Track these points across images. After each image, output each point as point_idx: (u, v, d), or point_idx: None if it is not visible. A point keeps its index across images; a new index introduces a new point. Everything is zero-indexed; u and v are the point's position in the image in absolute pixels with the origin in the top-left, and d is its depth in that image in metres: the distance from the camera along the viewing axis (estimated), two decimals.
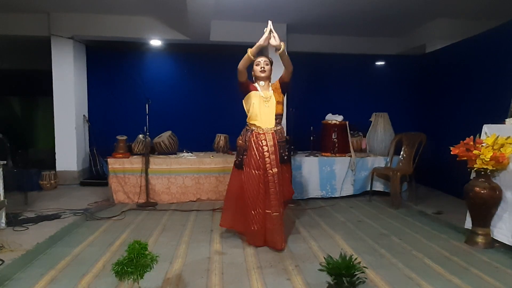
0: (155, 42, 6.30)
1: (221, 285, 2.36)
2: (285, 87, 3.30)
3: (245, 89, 3.20)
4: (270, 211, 3.00)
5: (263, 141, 3.09)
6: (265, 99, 3.15)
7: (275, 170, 3.04)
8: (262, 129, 3.12)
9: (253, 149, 3.10)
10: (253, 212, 3.03)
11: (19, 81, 8.38)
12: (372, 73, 6.83)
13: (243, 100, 3.25)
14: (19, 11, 5.60)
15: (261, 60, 3.22)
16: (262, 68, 3.19)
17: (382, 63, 6.88)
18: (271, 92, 3.21)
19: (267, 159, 3.05)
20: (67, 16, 5.69)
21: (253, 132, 3.15)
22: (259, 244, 3.07)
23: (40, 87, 7.08)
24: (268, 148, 3.07)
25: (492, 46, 4.43)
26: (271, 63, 3.28)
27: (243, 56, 3.08)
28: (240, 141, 3.25)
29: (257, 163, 3.06)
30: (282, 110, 3.32)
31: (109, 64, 6.43)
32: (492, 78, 4.36)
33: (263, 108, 3.14)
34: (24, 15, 5.66)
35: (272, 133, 3.14)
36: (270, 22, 3.09)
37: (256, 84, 3.24)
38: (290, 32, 6.29)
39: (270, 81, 3.28)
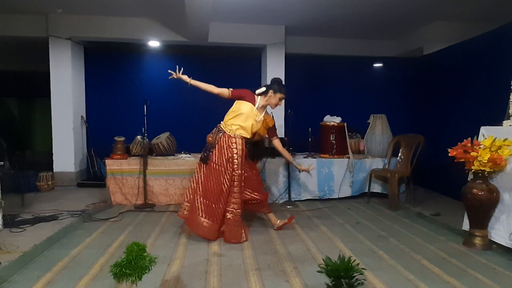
0: (154, 44, 6.30)
1: (219, 287, 2.35)
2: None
3: (239, 98, 3.41)
4: (232, 208, 3.24)
5: (233, 144, 3.29)
6: (257, 116, 3.39)
7: (239, 172, 3.28)
8: (235, 133, 3.32)
9: (223, 148, 3.29)
10: (214, 206, 3.22)
11: (17, 82, 8.36)
12: (370, 75, 6.85)
13: (236, 100, 3.44)
14: (17, 12, 5.58)
15: (283, 99, 3.47)
16: (277, 105, 3.47)
17: (380, 65, 6.90)
18: (261, 118, 3.44)
19: (235, 160, 3.27)
20: (65, 17, 5.68)
21: (225, 133, 3.34)
22: (213, 238, 3.22)
23: (38, 88, 7.07)
24: (237, 151, 3.28)
25: (489, 49, 4.45)
26: None
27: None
28: (210, 138, 3.43)
29: (225, 162, 3.26)
30: (260, 137, 3.56)
31: (107, 65, 6.42)
32: (489, 80, 4.39)
33: (250, 120, 3.35)
34: (22, 16, 5.65)
35: (241, 138, 3.33)
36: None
37: (257, 98, 3.41)
38: (289, 34, 6.31)
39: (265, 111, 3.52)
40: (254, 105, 3.38)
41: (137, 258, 1.90)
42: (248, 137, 3.41)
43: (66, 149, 5.83)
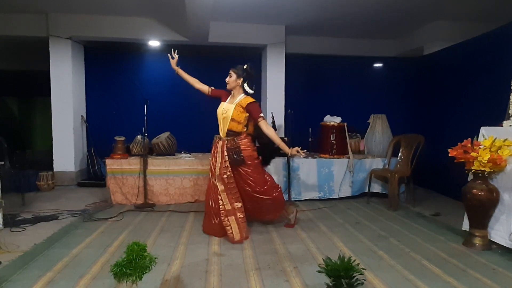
0: (154, 43, 6.29)
1: (219, 287, 2.35)
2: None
3: (217, 97, 3.52)
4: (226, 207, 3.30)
5: (216, 148, 3.41)
6: (224, 110, 3.36)
7: (218, 173, 3.31)
8: (221, 137, 3.40)
9: (212, 154, 3.46)
10: (211, 205, 3.38)
11: (17, 81, 8.35)
12: (370, 75, 6.85)
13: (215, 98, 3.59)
14: (17, 12, 5.58)
15: (229, 73, 3.40)
16: (226, 81, 3.40)
17: (380, 65, 6.91)
18: (232, 106, 3.35)
19: (216, 163, 3.36)
20: (66, 16, 5.68)
21: (216, 140, 3.48)
22: (219, 235, 3.32)
23: (38, 87, 7.07)
24: (216, 153, 3.38)
25: (489, 49, 4.45)
26: (239, 74, 3.36)
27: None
28: None
29: (212, 166, 3.42)
30: (239, 128, 3.36)
31: (107, 65, 6.42)
32: (489, 80, 4.39)
33: (220, 118, 3.39)
34: (22, 16, 5.65)
35: (222, 141, 3.36)
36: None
37: (231, 94, 3.45)
38: (289, 34, 6.31)
39: (242, 92, 3.42)
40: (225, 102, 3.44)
41: (137, 257, 1.90)
42: (234, 130, 3.33)
43: (66, 148, 5.84)
